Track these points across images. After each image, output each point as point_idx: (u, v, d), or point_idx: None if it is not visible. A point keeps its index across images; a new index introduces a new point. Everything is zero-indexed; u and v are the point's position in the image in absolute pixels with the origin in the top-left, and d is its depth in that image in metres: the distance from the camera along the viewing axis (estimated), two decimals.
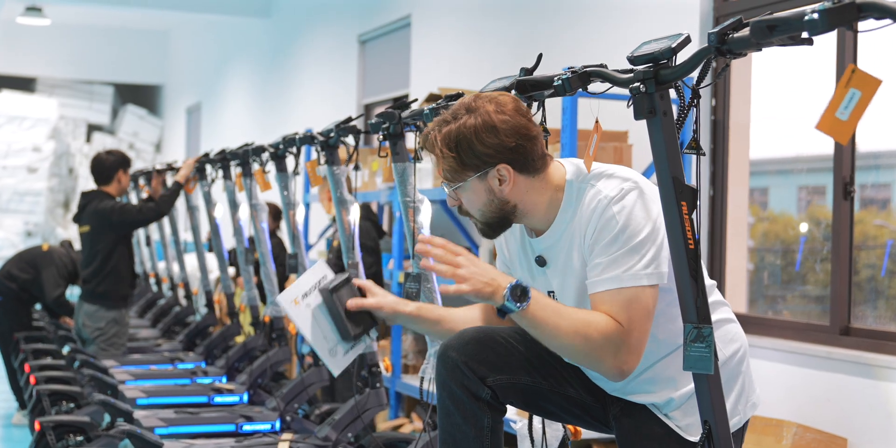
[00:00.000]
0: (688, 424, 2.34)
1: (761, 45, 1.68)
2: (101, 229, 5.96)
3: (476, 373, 2.31)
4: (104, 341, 5.97)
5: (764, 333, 4.37)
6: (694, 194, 1.90)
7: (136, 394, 4.72)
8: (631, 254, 2.15)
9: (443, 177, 2.30)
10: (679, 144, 1.92)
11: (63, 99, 15.68)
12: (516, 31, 6.08)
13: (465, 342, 2.34)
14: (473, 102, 2.25)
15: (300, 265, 4.33)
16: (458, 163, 2.26)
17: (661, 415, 2.36)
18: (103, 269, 5.96)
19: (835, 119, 1.66)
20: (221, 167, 5.57)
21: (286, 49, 10.52)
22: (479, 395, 2.32)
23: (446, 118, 2.27)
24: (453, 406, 2.33)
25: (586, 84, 2.09)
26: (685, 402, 2.33)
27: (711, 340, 1.90)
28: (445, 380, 2.33)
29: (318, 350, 2.42)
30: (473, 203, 2.30)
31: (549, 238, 2.33)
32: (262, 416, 4.33)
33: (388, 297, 2.48)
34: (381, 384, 3.81)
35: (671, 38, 1.88)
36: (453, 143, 2.25)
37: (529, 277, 2.43)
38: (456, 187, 2.29)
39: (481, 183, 2.27)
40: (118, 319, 6.02)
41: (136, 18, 15.03)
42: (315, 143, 3.80)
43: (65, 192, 15.16)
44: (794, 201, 7.25)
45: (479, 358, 2.31)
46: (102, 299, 5.95)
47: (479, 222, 2.32)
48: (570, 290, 2.32)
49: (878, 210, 6.18)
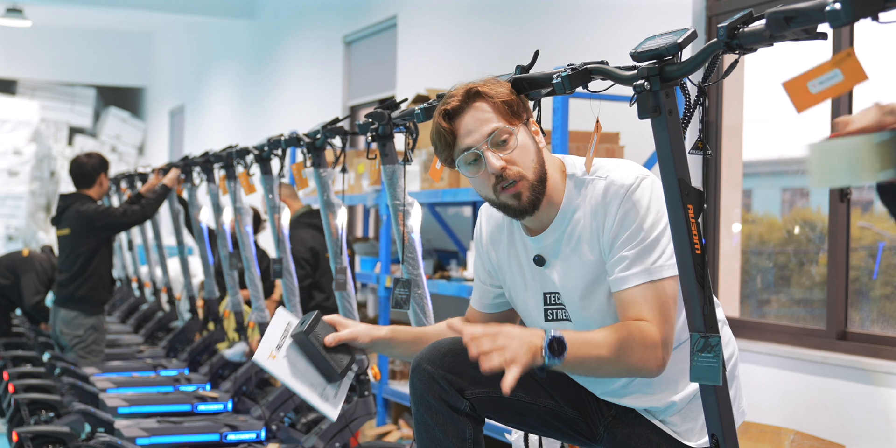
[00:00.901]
0: (687, 429, 2.26)
1: (775, 40, 1.59)
2: (82, 232, 5.87)
3: (454, 385, 2.22)
4: (83, 348, 5.87)
5: (759, 338, 4.30)
6: (701, 197, 1.82)
7: (117, 402, 4.62)
8: (655, 244, 2.10)
9: (489, 132, 2.13)
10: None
11: (44, 101, 15.53)
12: (504, 32, 6.01)
13: (441, 354, 2.24)
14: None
15: (285, 270, 4.23)
16: (517, 102, 2.18)
17: (658, 421, 2.28)
18: (83, 272, 5.87)
19: (804, 87, 1.59)
20: (204, 170, 5.47)
21: (270, 51, 10.43)
22: (458, 407, 2.23)
23: (466, 84, 2.20)
24: (432, 420, 2.23)
25: (587, 82, 2.00)
26: (686, 405, 2.26)
27: (720, 350, 1.81)
28: (422, 393, 2.23)
29: (309, 399, 2.28)
30: (527, 153, 2.16)
31: (550, 235, 2.24)
32: (246, 425, 4.22)
33: (360, 326, 2.38)
34: (369, 392, 3.72)
35: (676, 33, 1.79)
36: (507, 88, 2.18)
37: (521, 280, 2.33)
38: (516, 131, 2.15)
39: (527, 130, 2.20)
40: (97, 326, 5.92)
41: (119, 20, 14.89)
42: (301, 144, 3.70)
43: (46, 196, 15.00)
44: (778, 203, 7.22)
45: (457, 370, 2.21)
46: (81, 304, 5.85)
47: (532, 180, 2.16)
48: (577, 286, 2.23)
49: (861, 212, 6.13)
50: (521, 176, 2.15)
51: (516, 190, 2.16)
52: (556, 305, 2.30)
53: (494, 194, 2.19)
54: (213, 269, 5.99)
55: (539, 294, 2.31)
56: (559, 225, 2.23)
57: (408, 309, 2.95)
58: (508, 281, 2.38)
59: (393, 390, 5.43)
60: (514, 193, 2.16)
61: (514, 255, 2.34)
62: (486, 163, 2.14)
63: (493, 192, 2.18)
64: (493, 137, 2.14)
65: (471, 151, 2.16)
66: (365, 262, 6.08)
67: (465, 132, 2.16)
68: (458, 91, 2.18)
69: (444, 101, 2.19)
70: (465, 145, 2.16)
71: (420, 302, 2.96)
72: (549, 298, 2.30)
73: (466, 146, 2.16)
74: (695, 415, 2.27)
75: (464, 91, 2.17)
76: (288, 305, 4.27)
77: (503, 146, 2.15)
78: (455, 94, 2.18)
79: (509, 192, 2.16)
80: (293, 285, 4.27)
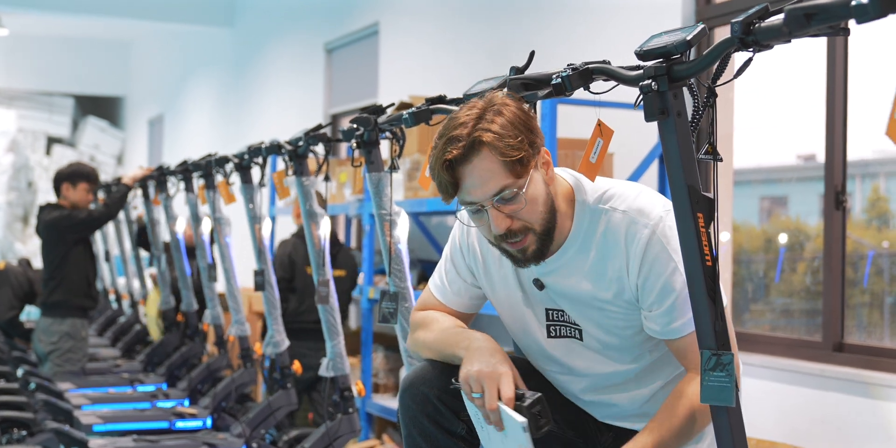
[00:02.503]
0: None
1: (793, 36, 1.48)
2: (51, 239, 5.86)
3: (450, 407, 2.09)
4: (59, 357, 5.76)
5: (753, 350, 4.20)
6: (711, 205, 1.70)
7: (92, 420, 4.48)
8: (684, 297, 1.99)
9: (496, 191, 1.94)
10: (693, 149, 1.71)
11: (22, 111, 15.34)
12: (487, 38, 5.91)
13: (437, 374, 2.11)
14: (484, 101, 1.99)
15: (266, 282, 4.10)
16: (528, 147, 1.94)
17: None
18: (54, 278, 5.84)
19: None
20: (183, 179, 5.33)
21: (251, 59, 10.31)
22: (453, 430, 2.10)
23: (474, 121, 1.94)
24: (425, 443, 2.11)
25: (588, 82, 1.88)
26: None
27: (732, 369, 1.69)
28: (416, 415, 2.10)
29: None
30: (535, 206, 1.98)
31: (554, 263, 2.10)
32: (226, 443, 4.09)
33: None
34: (353, 409, 3.59)
35: (685, 30, 1.68)
36: (519, 126, 1.94)
37: (519, 294, 2.19)
38: (524, 188, 1.95)
39: (538, 174, 2.00)
40: (72, 333, 5.81)
41: (97, 29, 14.71)
42: (283, 152, 3.58)
43: (24, 206, 14.80)
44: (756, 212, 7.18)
45: (453, 391, 2.08)
46: (55, 309, 5.80)
47: (539, 233, 2.00)
48: (590, 322, 2.12)
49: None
50: (528, 229, 2.00)
51: (522, 245, 2.01)
52: (560, 322, 2.17)
53: (497, 244, 2.05)
54: (190, 280, 5.86)
55: (542, 310, 2.19)
56: (564, 254, 2.09)
57: (395, 323, 2.83)
58: (500, 293, 2.24)
59: (377, 404, 5.30)
60: (520, 249, 2.02)
61: (509, 272, 2.20)
62: (490, 220, 1.98)
63: (496, 242, 2.04)
64: (499, 196, 1.96)
65: (474, 206, 1.99)
66: None
67: (469, 185, 1.95)
68: (461, 134, 1.94)
69: (445, 146, 1.95)
70: (468, 200, 1.98)
71: (408, 316, 2.83)
72: (551, 314, 2.18)
73: (469, 201, 1.98)
74: (702, 435, 2.15)
75: (468, 140, 1.93)
76: (269, 319, 4.14)
77: (509, 203, 1.97)
78: (458, 139, 1.94)
79: (514, 247, 2.02)
80: (274, 298, 4.14)
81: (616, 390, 2.18)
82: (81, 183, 5.95)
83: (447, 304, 2.30)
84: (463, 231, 2.27)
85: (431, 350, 2.18)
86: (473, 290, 2.28)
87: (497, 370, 1.98)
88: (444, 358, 2.14)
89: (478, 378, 1.97)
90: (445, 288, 2.30)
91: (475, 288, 2.28)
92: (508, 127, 1.93)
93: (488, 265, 2.23)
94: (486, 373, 1.97)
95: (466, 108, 1.99)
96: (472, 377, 1.98)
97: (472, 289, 2.28)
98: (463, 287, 2.28)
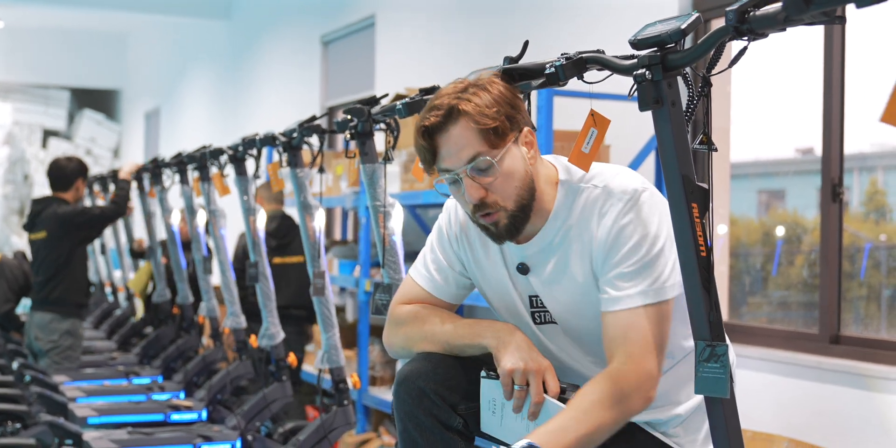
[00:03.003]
0: (690, 441, 2.15)
1: (790, 24, 1.46)
2: (59, 234, 5.77)
3: (447, 400, 2.07)
4: (58, 354, 5.73)
5: (749, 342, 4.19)
6: (706, 195, 1.69)
7: (87, 412, 4.46)
8: (654, 264, 1.96)
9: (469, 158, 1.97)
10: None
11: (18, 104, 15.31)
12: (483, 30, 5.90)
13: (433, 367, 2.09)
14: (472, 79, 2.03)
15: (261, 274, 4.09)
16: (507, 119, 1.98)
17: (659, 433, 2.15)
18: (59, 274, 5.77)
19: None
20: (178, 171, 5.32)
21: (247, 51, 10.29)
22: (450, 424, 2.08)
23: (458, 93, 2.00)
24: (421, 438, 2.08)
25: (582, 72, 1.87)
26: (690, 416, 2.13)
27: (727, 360, 1.69)
28: (412, 409, 2.08)
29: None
30: (510, 180, 2.00)
31: (536, 244, 2.10)
32: (221, 436, 4.08)
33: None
34: (348, 401, 3.58)
35: (679, 18, 1.67)
36: (500, 100, 1.98)
37: (507, 281, 2.17)
38: (498, 158, 1.98)
39: (517, 149, 2.02)
40: (72, 331, 5.79)
41: (93, 21, 14.68)
42: (277, 144, 3.56)
43: (20, 199, 14.79)
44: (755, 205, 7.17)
45: (450, 384, 2.07)
46: (56, 306, 5.74)
47: (512, 210, 2.01)
48: (563, 299, 2.10)
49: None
50: (500, 206, 2.02)
51: (494, 219, 2.03)
52: (542, 309, 2.16)
53: (472, 217, 2.07)
54: (185, 273, 5.85)
55: (525, 297, 2.17)
56: (546, 235, 2.09)
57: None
58: (490, 280, 2.22)
59: (373, 397, 5.29)
60: (492, 222, 2.03)
61: (497, 258, 2.19)
62: (464, 190, 2.01)
63: (472, 215, 2.06)
64: (474, 164, 1.99)
65: (450, 175, 2.01)
66: (344, 266, 5.95)
67: (445, 153, 2.00)
68: (442, 103, 2.00)
69: (425, 114, 2.02)
70: (444, 167, 2.02)
71: None
72: (534, 301, 2.16)
73: (445, 168, 2.02)
74: (698, 425, 2.15)
75: (446, 107, 1.99)
76: (264, 311, 4.13)
77: (484, 173, 1.99)
78: (437, 108, 2.00)
79: (486, 220, 2.04)
80: (269, 290, 4.14)
81: None
82: (85, 178, 5.99)
83: (434, 294, 2.26)
84: (451, 219, 2.26)
85: (435, 342, 2.14)
86: (461, 280, 2.26)
87: (542, 364, 2.01)
88: (451, 350, 2.12)
89: (524, 372, 1.99)
90: (432, 277, 2.26)
91: (463, 277, 2.26)
92: (489, 100, 1.98)
93: (477, 253, 2.21)
94: (532, 367, 2.00)
95: (454, 83, 2.05)
96: (519, 371, 2.00)
97: (459, 278, 2.26)
98: (450, 275, 2.25)
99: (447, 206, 2.28)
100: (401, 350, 2.24)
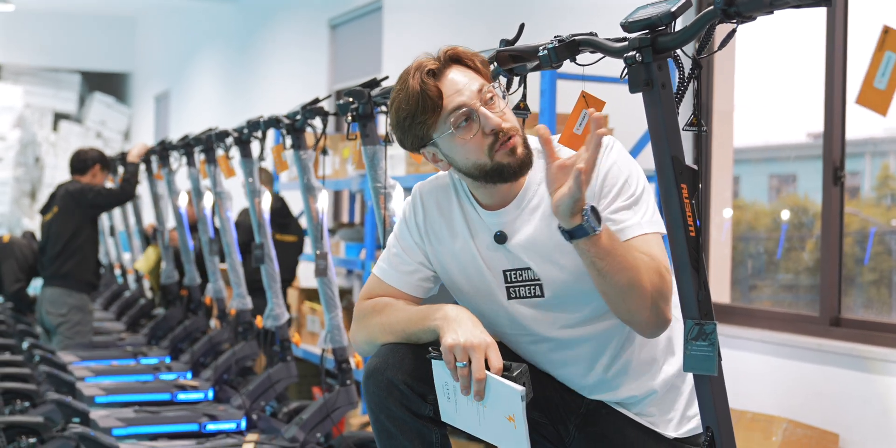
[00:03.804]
0: (665, 420, 2.14)
1: (775, 6, 1.48)
2: (69, 209, 5.95)
3: (415, 390, 2.06)
4: (68, 329, 5.86)
5: (750, 324, 4.22)
6: (695, 176, 1.71)
7: (94, 391, 4.52)
8: (644, 199, 2.01)
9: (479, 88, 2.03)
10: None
11: (29, 87, 15.34)
12: (490, 13, 5.91)
13: (399, 358, 2.08)
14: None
15: (266, 256, 4.13)
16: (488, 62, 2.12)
17: (633, 413, 2.16)
18: (67, 249, 5.93)
19: (873, 90, 1.49)
20: (185, 154, 5.36)
21: (255, 35, 10.31)
22: (421, 413, 2.08)
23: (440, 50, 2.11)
24: (395, 428, 2.08)
25: (574, 54, 1.89)
26: (665, 394, 2.13)
27: (715, 338, 1.71)
28: (382, 400, 2.07)
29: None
30: (509, 110, 2.09)
31: (513, 209, 2.11)
32: (226, 415, 4.12)
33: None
34: (351, 381, 3.62)
35: (670, 1, 1.68)
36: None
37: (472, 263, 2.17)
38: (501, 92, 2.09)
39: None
40: (81, 306, 5.94)
41: (103, 4, 14.71)
42: (280, 126, 3.59)
43: (31, 182, 14.86)
44: (766, 190, 7.15)
45: (417, 374, 2.06)
46: (65, 281, 5.91)
47: (522, 137, 2.06)
48: (551, 265, 2.09)
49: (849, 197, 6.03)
50: (516, 130, 2.04)
51: (513, 144, 2.03)
52: (518, 282, 2.15)
53: (489, 156, 2.03)
54: (192, 255, 5.90)
55: (499, 272, 2.16)
56: (524, 196, 2.10)
57: None
58: (459, 263, 2.20)
59: None
60: (511, 149, 2.02)
61: (464, 239, 2.18)
62: (482, 120, 2.01)
63: (488, 154, 2.03)
64: (482, 94, 2.03)
65: (463, 110, 2.02)
66: (350, 248, 5.98)
67: (453, 91, 2.02)
68: (432, 56, 2.08)
69: (421, 66, 2.05)
70: (457, 103, 2.02)
71: None
72: (509, 276, 2.15)
73: (458, 104, 2.02)
74: (671, 405, 2.15)
75: (441, 54, 2.07)
76: (269, 292, 4.17)
77: (492, 103, 2.04)
78: (430, 58, 2.07)
79: (506, 148, 2.02)
80: (274, 271, 4.17)
81: (579, 351, 2.15)
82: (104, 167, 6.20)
83: (396, 286, 2.24)
84: (416, 208, 2.25)
85: (394, 332, 2.13)
86: (423, 271, 2.24)
87: (484, 340, 1.96)
88: (409, 337, 2.10)
89: (465, 347, 1.95)
90: (393, 271, 2.25)
91: (425, 268, 2.24)
92: (467, 49, 2.11)
93: (443, 238, 2.21)
94: (473, 343, 1.95)
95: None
96: (459, 347, 1.95)
97: (421, 269, 2.24)
98: (413, 267, 2.24)
99: (411, 197, 2.27)
100: (365, 345, 2.21)
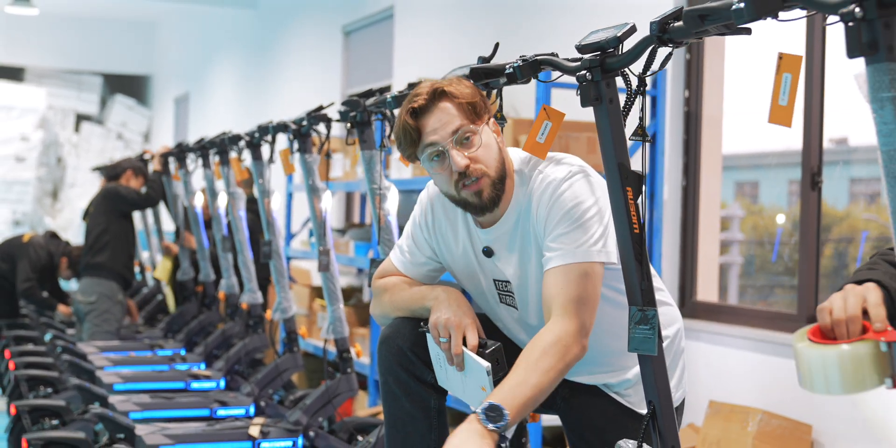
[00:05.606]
0: (641, 400, 2.38)
1: (699, 34, 1.72)
2: (102, 206, 6.41)
3: (420, 358, 2.36)
4: (96, 317, 6.16)
5: (732, 322, 4.40)
6: (639, 180, 1.94)
7: (113, 379, 4.76)
8: (580, 230, 2.19)
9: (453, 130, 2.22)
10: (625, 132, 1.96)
11: (51, 88, 15.61)
12: (500, 21, 6.07)
13: (409, 329, 2.38)
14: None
15: (274, 252, 4.37)
16: (481, 100, 2.27)
17: (613, 393, 2.41)
18: (98, 241, 6.33)
19: (778, 107, 1.71)
20: (201, 156, 5.61)
21: (272, 40, 10.53)
22: (424, 378, 2.37)
23: (437, 81, 2.29)
24: (400, 390, 2.38)
25: (537, 72, 2.13)
26: (639, 380, 2.37)
27: (656, 322, 1.94)
28: (391, 365, 2.37)
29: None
30: (489, 152, 2.25)
31: (498, 229, 2.35)
32: (236, 401, 4.37)
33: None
34: (351, 370, 3.86)
35: (617, 27, 1.92)
36: (471, 86, 2.27)
37: (475, 265, 2.42)
38: (479, 131, 2.24)
39: (489, 131, 2.30)
40: (110, 295, 6.25)
41: (124, 9, 14.99)
42: (288, 131, 3.84)
43: (53, 182, 15.13)
44: (785, 195, 7.24)
45: (423, 344, 2.35)
46: (95, 270, 6.28)
47: (493, 178, 2.25)
48: (532, 278, 2.33)
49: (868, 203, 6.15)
50: (484, 173, 2.25)
51: (478, 187, 2.25)
52: (506, 292, 2.41)
53: (455, 191, 2.28)
54: (207, 252, 6.14)
55: (490, 280, 2.43)
56: (507, 219, 2.33)
57: None
58: (460, 264, 2.47)
59: None
60: (476, 191, 2.25)
61: (464, 245, 2.43)
62: (450, 160, 2.23)
63: (455, 189, 2.27)
64: (457, 135, 2.24)
65: (435, 148, 2.25)
66: (359, 248, 6.20)
67: (430, 130, 2.24)
68: (423, 89, 2.27)
69: (410, 99, 2.27)
70: (430, 141, 2.25)
71: None
72: (499, 285, 2.41)
73: (431, 142, 2.25)
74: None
75: (430, 90, 2.25)
76: (277, 286, 4.41)
77: (467, 144, 2.25)
78: (421, 93, 2.26)
79: (471, 190, 2.25)
80: (282, 267, 4.41)
81: None
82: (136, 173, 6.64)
83: (407, 274, 2.52)
84: (423, 212, 2.51)
85: (401, 308, 2.43)
86: (431, 264, 2.51)
87: (463, 320, 2.25)
88: (413, 313, 2.40)
89: (445, 325, 2.24)
90: (406, 259, 2.52)
91: (433, 261, 2.51)
92: (465, 84, 2.27)
93: (448, 240, 2.47)
94: (453, 321, 2.24)
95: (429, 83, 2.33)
96: (441, 324, 2.25)
97: (430, 262, 2.51)
98: (422, 260, 2.51)
99: (420, 199, 2.54)
100: (381, 318, 2.52)
